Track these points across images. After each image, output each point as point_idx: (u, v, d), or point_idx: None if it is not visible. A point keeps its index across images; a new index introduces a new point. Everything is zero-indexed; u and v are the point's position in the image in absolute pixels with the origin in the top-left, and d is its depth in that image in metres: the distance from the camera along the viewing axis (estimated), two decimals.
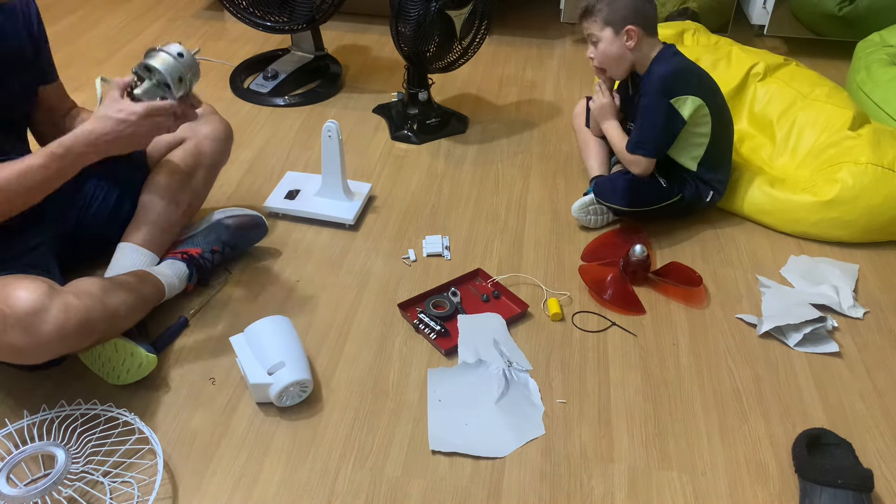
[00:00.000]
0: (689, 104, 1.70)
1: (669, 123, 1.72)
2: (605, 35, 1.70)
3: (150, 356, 1.36)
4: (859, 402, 1.42)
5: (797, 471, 1.26)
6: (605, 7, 1.67)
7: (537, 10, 3.05)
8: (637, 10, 1.68)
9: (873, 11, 2.51)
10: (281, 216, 1.85)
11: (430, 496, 1.23)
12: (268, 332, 1.39)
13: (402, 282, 1.67)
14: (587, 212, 1.80)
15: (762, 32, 2.78)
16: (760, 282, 1.69)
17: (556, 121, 2.30)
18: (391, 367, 1.46)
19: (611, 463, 1.29)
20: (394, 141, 2.18)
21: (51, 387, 1.38)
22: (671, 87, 1.70)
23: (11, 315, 1.14)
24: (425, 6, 1.93)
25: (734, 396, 1.43)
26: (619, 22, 1.67)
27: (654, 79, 1.70)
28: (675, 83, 1.70)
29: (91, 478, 1.20)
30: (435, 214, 1.88)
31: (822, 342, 1.54)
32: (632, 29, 1.67)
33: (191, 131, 1.60)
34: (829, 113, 1.90)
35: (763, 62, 2.07)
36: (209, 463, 1.27)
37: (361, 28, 2.86)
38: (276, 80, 2.39)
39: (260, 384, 1.32)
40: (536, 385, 1.42)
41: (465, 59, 2.15)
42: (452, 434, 1.33)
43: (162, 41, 2.69)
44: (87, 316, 1.21)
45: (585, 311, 1.61)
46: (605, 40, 1.70)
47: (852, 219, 1.77)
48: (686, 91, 1.70)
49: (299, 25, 2.28)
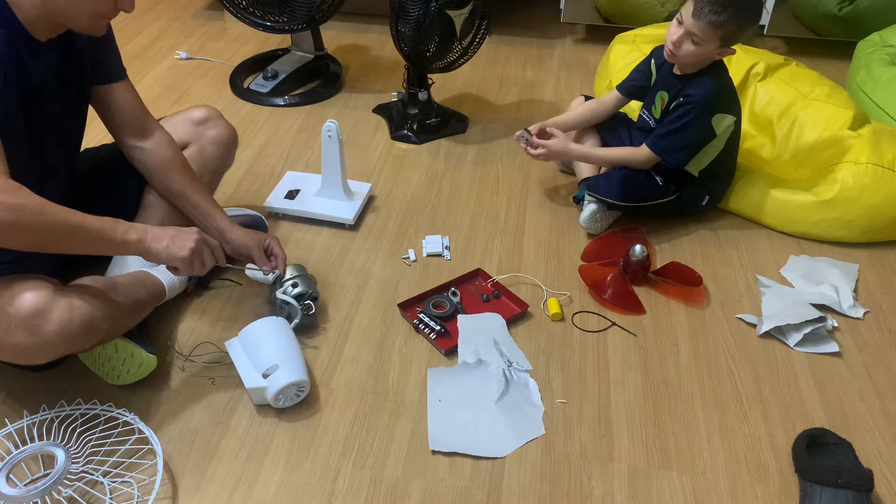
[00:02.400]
0: (726, 122, 1.73)
1: (705, 138, 1.73)
2: (711, 42, 1.63)
3: (150, 356, 1.36)
4: (859, 402, 1.42)
5: (797, 471, 1.26)
6: (733, 25, 1.59)
7: (537, 10, 3.05)
8: (746, 34, 1.65)
9: (873, 11, 2.51)
10: (281, 216, 1.85)
11: (430, 496, 1.23)
12: (262, 335, 1.39)
13: (402, 282, 1.67)
14: (595, 219, 1.80)
15: (762, 32, 2.78)
16: (760, 282, 1.69)
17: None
18: (391, 367, 1.46)
19: (611, 463, 1.29)
20: (394, 141, 2.18)
21: (51, 387, 1.38)
22: (717, 103, 1.70)
23: (16, 315, 1.14)
24: (425, 6, 1.93)
25: (734, 396, 1.43)
26: (732, 40, 1.64)
27: (706, 94, 1.68)
28: (721, 100, 1.71)
29: (91, 478, 1.20)
30: (435, 214, 1.88)
31: (822, 342, 1.54)
32: (732, 50, 1.66)
33: (196, 136, 1.59)
34: (830, 113, 1.90)
35: (763, 62, 2.07)
36: (209, 463, 1.27)
37: (361, 28, 2.86)
38: (275, 79, 2.39)
39: (255, 388, 1.32)
40: (536, 385, 1.42)
41: (465, 59, 2.15)
42: (452, 434, 1.33)
43: (162, 41, 2.70)
44: (91, 316, 1.21)
45: (585, 311, 1.61)
46: (707, 46, 1.63)
47: (852, 219, 1.77)
48: (725, 109, 1.72)
49: (299, 25, 2.28)
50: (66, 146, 1.40)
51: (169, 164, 1.48)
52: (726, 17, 1.57)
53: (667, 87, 1.76)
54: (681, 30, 1.64)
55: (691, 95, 1.69)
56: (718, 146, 1.77)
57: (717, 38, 1.61)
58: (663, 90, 1.77)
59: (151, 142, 1.47)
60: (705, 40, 1.61)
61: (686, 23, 1.62)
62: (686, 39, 1.63)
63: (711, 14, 1.57)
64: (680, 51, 1.65)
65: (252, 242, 1.51)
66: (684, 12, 1.63)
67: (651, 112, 1.82)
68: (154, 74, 2.50)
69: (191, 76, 2.50)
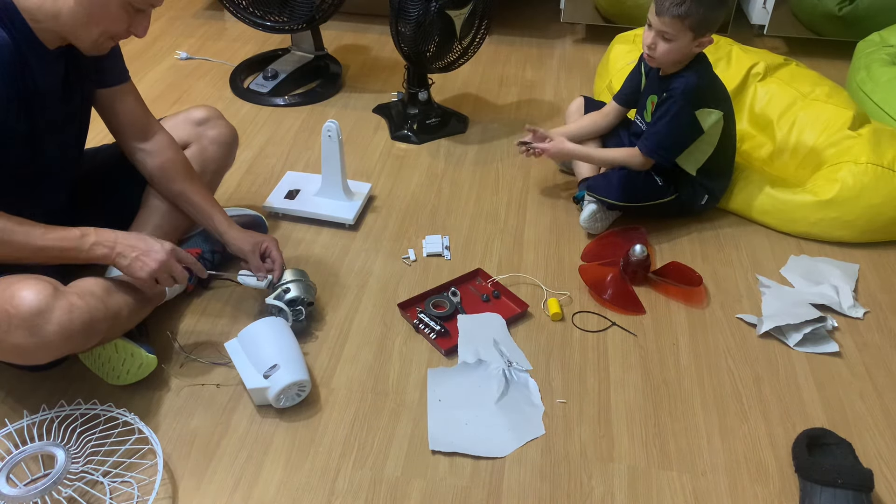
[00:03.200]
0: (713, 117, 1.72)
1: (692, 133, 1.73)
2: (684, 36, 1.63)
3: (150, 357, 1.36)
4: (859, 402, 1.42)
5: (797, 471, 1.26)
6: (698, 13, 1.59)
7: (537, 10, 3.05)
8: (718, 19, 1.65)
9: (873, 11, 2.51)
10: (281, 216, 1.85)
11: (430, 496, 1.23)
12: (262, 335, 1.39)
13: (402, 282, 1.67)
14: (595, 219, 1.80)
15: (762, 32, 2.77)
16: (760, 282, 1.69)
17: (556, 121, 2.30)
18: (391, 367, 1.46)
19: (611, 463, 1.29)
20: (394, 141, 2.18)
21: (51, 387, 1.38)
22: (700, 98, 1.70)
23: (16, 315, 1.14)
24: (425, 6, 1.93)
25: (734, 396, 1.43)
26: (703, 29, 1.63)
27: (687, 85, 1.68)
28: (705, 95, 1.71)
29: (91, 478, 1.20)
30: (435, 214, 1.88)
31: (822, 342, 1.54)
32: (709, 39, 1.65)
33: (196, 136, 1.59)
34: (829, 113, 1.90)
35: (763, 62, 2.07)
36: (209, 463, 1.27)
37: (361, 28, 2.86)
38: (275, 79, 2.39)
39: (256, 388, 1.32)
40: (536, 385, 1.42)
41: (465, 59, 2.15)
42: (452, 434, 1.33)
43: (162, 41, 2.70)
44: (91, 316, 1.21)
45: (585, 311, 1.61)
46: (682, 41, 1.63)
47: (852, 219, 1.77)
48: (711, 104, 1.72)
49: (299, 25, 2.28)
50: (67, 150, 1.40)
51: (170, 166, 1.49)
52: (688, 7, 1.58)
53: (655, 90, 1.77)
54: (651, 32, 1.66)
55: (673, 90, 1.70)
56: (711, 143, 1.77)
57: (687, 28, 1.61)
58: (653, 94, 1.78)
59: (153, 144, 1.48)
60: (676, 35, 1.62)
61: (654, 23, 1.64)
62: (658, 39, 1.65)
63: (673, 7, 1.59)
64: (656, 52, 1.66)
65: (248, 247, 1.51)
66: (650, 15, 1.65)
67: (643, 116, 1.83)
68: (154, 74, 2.50)
69: (191, 76, 2.50)
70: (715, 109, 1.73)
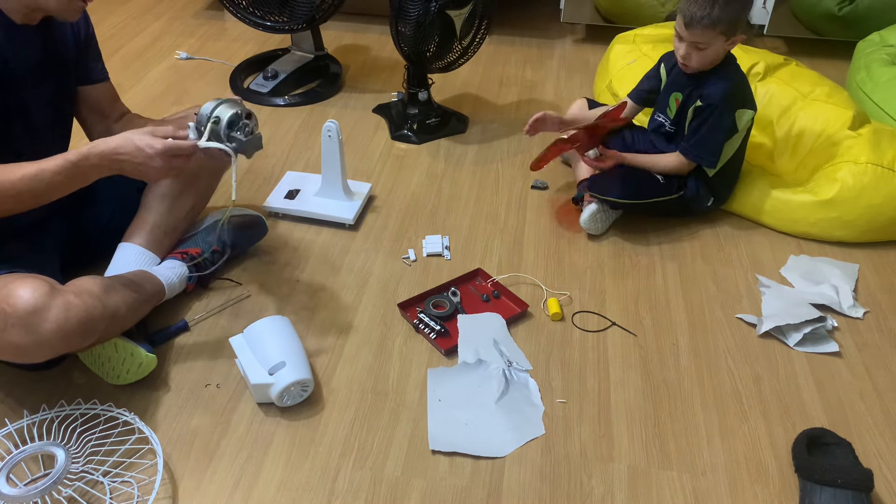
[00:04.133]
0: (746, 117, 1.74)
1: (729, 133, 1.74)
2: (717, 42, 1.63)
3: (149, 356, 1.36)
4: (859, 402, 1.42)
5: (797, 470, 1.26)
6: (728, 17, 1.59)
7: (537, 10, 3.05)
8: (745, 17, 1.65)
9: (873, 11, 2.51)
10: (281, 216, 1.85)
11: (430, 496, 1.23)
12: (268, 333, 1.39)
13: (402, 282, 1.67)
14: (596, 219, 1.80)
15: (762, 32, 2.77)
16: (760, 282, 1.69)
17: None
18: (391, 367, 1.46)
19: (611, 463, 1.29)
20: (394, 141, 2.18)
21: (51, 387, 1.38)
22: (739, 97, 1.71)
23: (13, 314, 1.14)
24: (425, 6, 1.93)
25: (734, 396, 1.43)
26: (734, 30, 1.63)
27: (725, 92, 1.68)
28: (743, 94, 1.72)
29: (91, 477, 1.20)
30: (435, 214, 1.88)
31: (822, 342, 1.54)
32: (741, 36, 1.66)
33: None
34: (829, 113, 1.90)
35: (763, 62, 2.07)
36: (209, 463, 1.27)
37: (361, 28, 2.86)
38: (276, 79, 2.39)
39: (261, 384, 1.32)
40: (536, 385, 1.42)
41: (465, 59, 2.15)
42: (452, 434, 1.33)
43: (162, 41, 2.70)
44: (88, 315, 1.21)
45: (585, 311, 1.61)
46: (715, 46, 1.64)
47: (852, 219, 1.77)
48: (744, 104, 1.73)
49: (299, 25, 2.28)
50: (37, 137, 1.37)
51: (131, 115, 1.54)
52: (718, 13, 1.58)
53: (679, 87, 1.77)
54: (683, 44, 1.66)
55: (711, 96, 1.69)
56: (736, 143, 1.78)
57: (719, 34, 1.61)
58: (677, 91, 1.78)
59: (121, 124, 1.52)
60: (709, 42, 1.63)
61: (685, 36, 1.64)
62: (692, 50, 1.66)
63: (703, 18, 1.58)
64: (692, 61, 1.68)
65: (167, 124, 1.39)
66: (678, 27, 1.65)
67: (666, 113, 1.82)
68: (154, 74, 2.50)
69: (191, 76, 2.50)
70: (749, 109, 1.74)
